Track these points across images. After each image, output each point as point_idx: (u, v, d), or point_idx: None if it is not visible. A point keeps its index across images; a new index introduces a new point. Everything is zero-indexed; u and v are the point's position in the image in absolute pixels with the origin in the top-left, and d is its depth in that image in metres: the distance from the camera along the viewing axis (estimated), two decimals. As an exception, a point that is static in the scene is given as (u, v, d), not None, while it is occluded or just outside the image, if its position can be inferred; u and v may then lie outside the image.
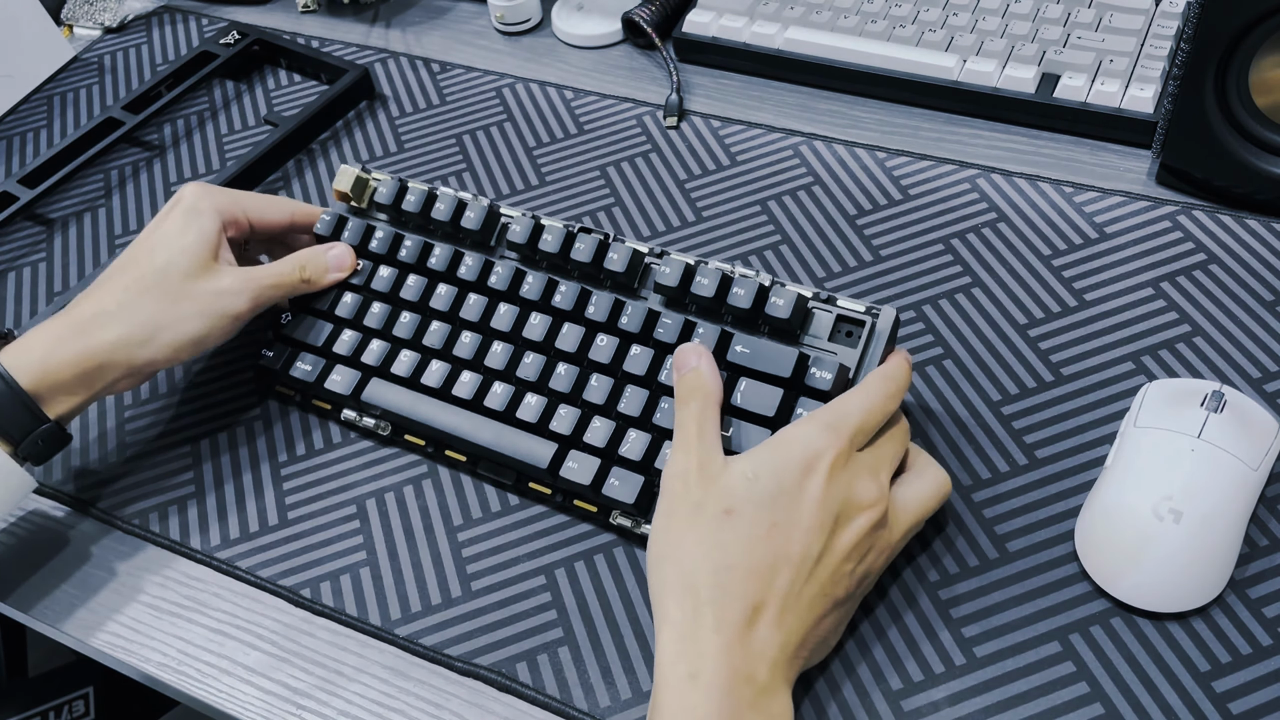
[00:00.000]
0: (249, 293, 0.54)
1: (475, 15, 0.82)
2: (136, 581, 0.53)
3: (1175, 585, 0.45)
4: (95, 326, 0.50)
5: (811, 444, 0.43)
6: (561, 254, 0.55)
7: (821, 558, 0.42)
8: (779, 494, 0.42)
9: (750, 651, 0.40)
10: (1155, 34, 0.66)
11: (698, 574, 0.41)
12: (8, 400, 0.49)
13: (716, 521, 0.42)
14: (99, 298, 0.52)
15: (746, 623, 0.41)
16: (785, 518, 0.42)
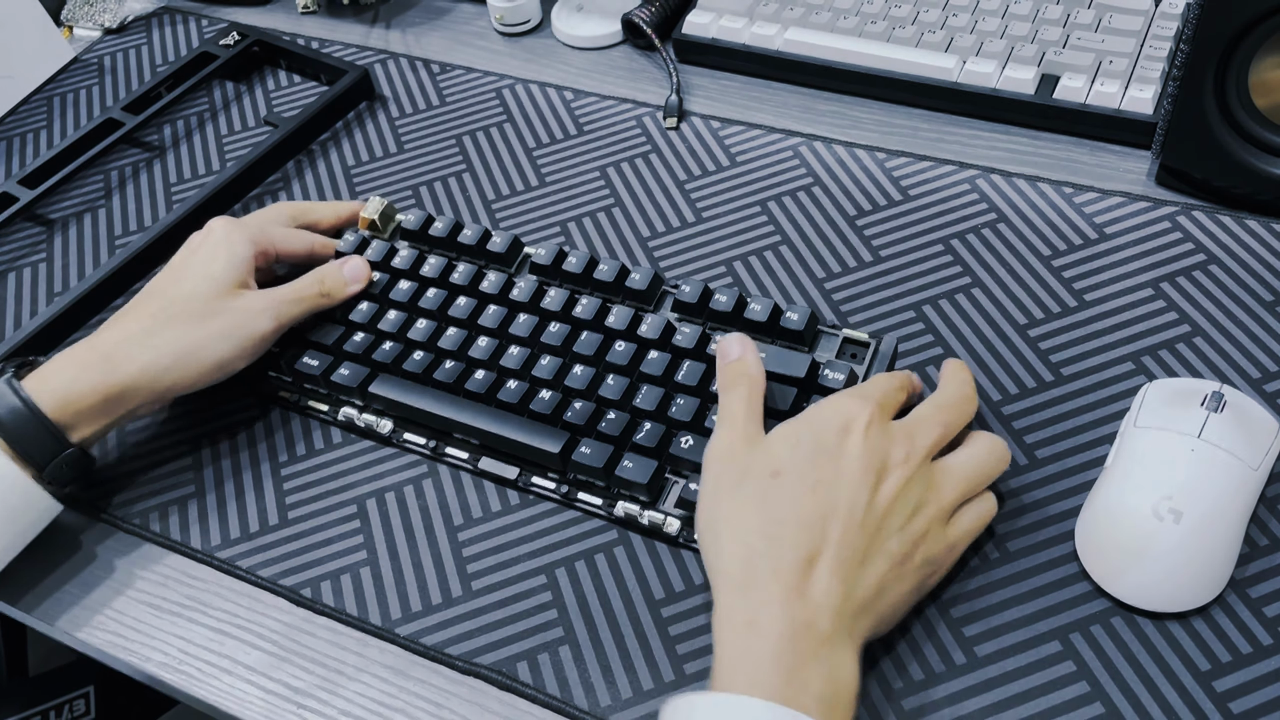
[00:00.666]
0: (271, 310, 0.54)
1: (475, 16, 0.82)
2: (137, 581, 0.53)
3: (1175, 585, 0.45)
4: (120, 354, 0.51)
5: (845, 409, 0.45)
6: (585, 275, 0.57)
7: (868, 509, 0.43)
8: (819, 453, 0.44)
9: (809, 600, 0.41)
10: (1155, 35, 0.66)
11: (750, 532, 0.43)
12: (32, 426, 0.49)
13: (764, 483, 0.44)
14: (124, 325, 0.53)
15: (803, 572, 0.41)
16: (829, 475, 0.43)
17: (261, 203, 0.70)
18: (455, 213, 0.67)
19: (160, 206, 0.71)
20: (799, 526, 0.42)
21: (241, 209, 0.70)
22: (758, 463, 0.45)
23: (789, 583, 0.41)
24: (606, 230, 0.65)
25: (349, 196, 0.69)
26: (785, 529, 0.42)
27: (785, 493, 0.43)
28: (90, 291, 0.64)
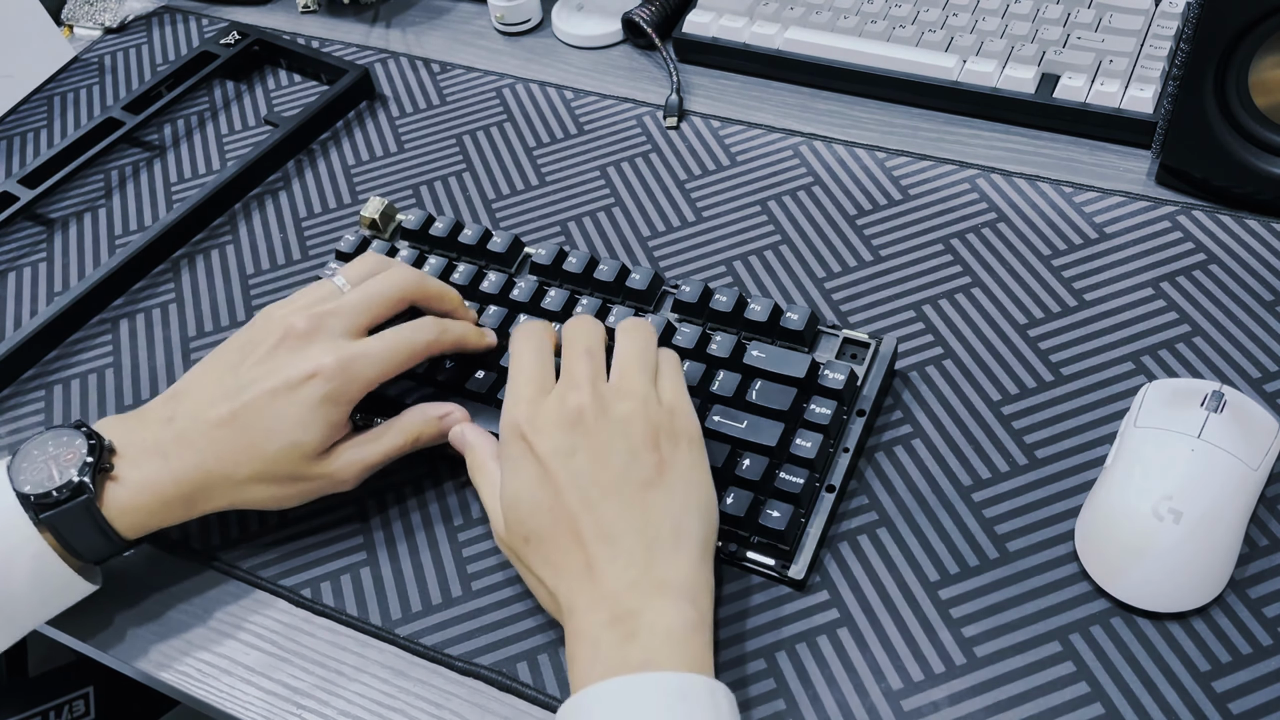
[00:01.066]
0: (357, 474, 0.50)
1: (475, 15, 0.82)
2: (136, 582, 0.53)
3: (1175, 585, 0.45)
4: (202, 499, 0.49)
5: (506, 429, 0.46)
6: (585, 275, 0.57)
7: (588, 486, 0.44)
8: (523, 495, 0.45)
9: (600, 588, 0.42)
10: (1155, 34, 0.66)
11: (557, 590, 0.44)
12: (105, 550, 0.48)
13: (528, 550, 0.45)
14: (208, 462, 0.48)
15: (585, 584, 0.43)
16: (545, 500, 0.44)
17: (262, 203, 0.70)
18: (455, 212, 0.67)
19: (160, 206, 0.71)
20: (566, 557, 0.43)
21: (242, 209, 0.70)
22: (517, 540, 0.46)
23: (587, 601, 0.42)
24: (606, 230, 0.65)
25: (349, 196, 0.69)
26: (564, 569, 0.44)
27: (543, 549, 0.44)
28: (90, 291, 0.64)
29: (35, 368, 0.63)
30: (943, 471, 0.51)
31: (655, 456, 0.44)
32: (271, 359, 0.49)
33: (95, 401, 0.60)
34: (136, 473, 0.48)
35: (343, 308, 0.50)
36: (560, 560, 0.43)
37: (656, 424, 0.45)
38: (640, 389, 0.46)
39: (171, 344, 0.63)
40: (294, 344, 0.49)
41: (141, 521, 0.48)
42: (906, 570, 0.48)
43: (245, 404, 0.48)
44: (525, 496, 0.45)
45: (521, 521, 0.45)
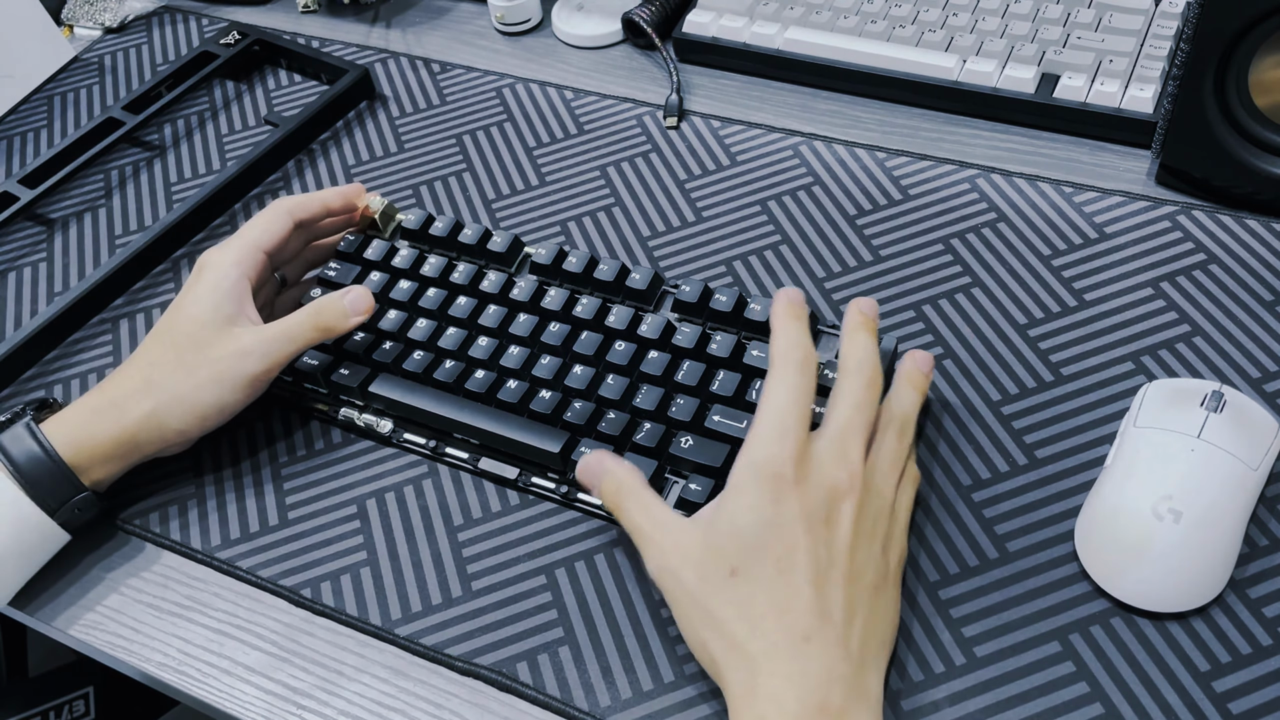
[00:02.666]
0: (260, 352, 0.52)
1: (475, 15, 0.82)
2: (137, 581, 0.53)
3: (1175, 585, 0.45)
4: (127, 402, 0.52)
5: (763, 466, 0.43)
6: (585, 275, 0.57)
7: (833, 562, 0.42)
8: (763, 529, 0.42)
9: (810, 677, 0.40)
10: (1155, 34, 0.66)
11: (737, 635, 0.41)
12: (48, 470, 0.50)
13: (727, 585, 0.42)
14: (131, 373, 0.53)
15: (797, 652, 0.41)
16: (782, 548, 0.42)
17: (262, 203, 0.70)
18: (455, 212, 0.67)
19: (160, 206, 0.71)
20: (780, 613, 0.41)
21: (242, 209, 0.70)
22: (710, 567, 0.42)
23: (788, 670, 0.40)
24: (606, 230, 0.65)
25: (349, 196, 0.69)
26: (767, 623, 0.41)
27: (752, 585, 0.42)
28: (90, 291, 0.64)
29: (35, 368, 0.63)
30: (942, 471, 0.51)
31: (886, 567, 0.44)
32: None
33: (95, 401, 0.60)
34: (73, 405, 0.53)
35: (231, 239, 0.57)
36: (770, 613, 0.41)
37: (889, 533, 0.45)
38: (890, 491, 0.45)
39: (171, 344, 0.63)
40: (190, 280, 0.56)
41: (76, 435, 0.51)
42: (907, 570, 0.48)
43: (155, 326, 0.55)
44: (760, 532, 0.42)
45: (743, 552, 0.42)
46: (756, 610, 0.41)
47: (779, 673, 0.40)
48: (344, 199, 0.60)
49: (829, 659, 0.40)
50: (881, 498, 0.45)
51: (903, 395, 0.48)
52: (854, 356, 0.46)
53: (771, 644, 0.41)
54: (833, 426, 0.45)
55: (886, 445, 0.46)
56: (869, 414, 0.46)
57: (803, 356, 0.45)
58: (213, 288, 0.54)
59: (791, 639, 0.41)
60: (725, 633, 0.42)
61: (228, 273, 0.54)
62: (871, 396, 0.46)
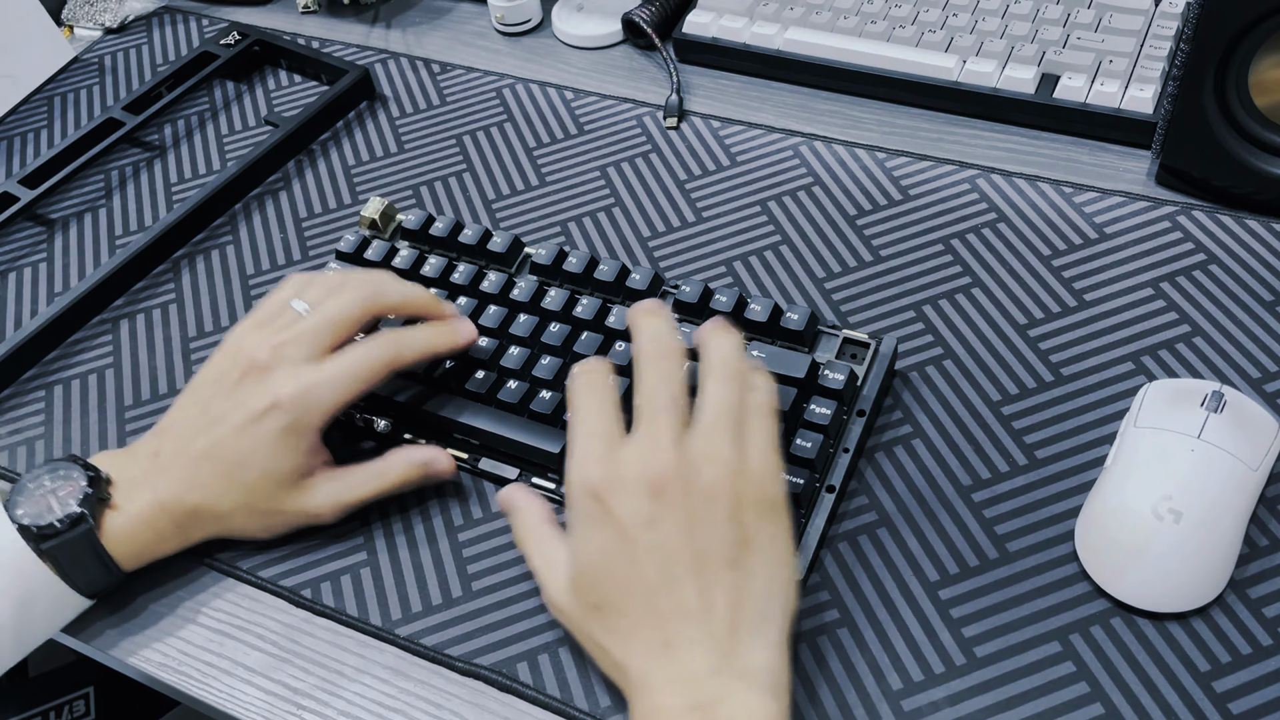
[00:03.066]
0: (334, 513, 0.51)
1: (475, 15, 0.82)
2: (136, 582, 0.53)
3: (1175, 585, 0.45)
4: (194, 527, 0.50)
5: (578, 491, 0.43)
6: (585, 275, 0.57)
7: (673, 560, 0.41)
8: (601, 559, 0.42)
9: (682, 681, 0.40)
10: (1155, 34, 0.66)
11: (616, 658, 0.43)
12: (105, 581, 0.49)
13: (595, 618, 0.43)
14: (195, 497, 0.50)
15: (663, 663, 0.41)
16: (623, 567, 0.42)
17: (262, 203, 0.70)
18: (455, 213, 0.67)
19: (160, 206, 0.71)
20: (641, 630, 0.41)
21: (242, 209, 0.70)
22: (579, 606, 0.44)
23: (660, 680, 0.40)
24: (606, 230, 0.65)
25: (349, 196, 0.69)
26: (633, 641, 0.42)
27: (612, 617, 0.42)
28: (90, 291, 0.64)
29: (35, 368, 0.63)
30: (943, 471, 0.51)
31: (739, 532, 0.42)
32: (237, 392, 0.50)
33: (95, 401, 0.60)
34: (131, 505, 0.49)
35: (302, 334, 0.50)
36: (633, 633, 0.41)
37: (742, 493, 0.42)
38: (728, 453, 0.42)
39: (171, 344, 0.63)
40: (257, 376, 0.50)
41: (138, 551, 0.50)
42: (906, 570, 0.48)
43: (218, 438, 0.49)
44: (599, 563, 0.42)
45: (594, 588, 0.43)
46: (623, 633, 0.42)
47: (653, 685, 0.40)
48: (458, 348, 0.54)
49: (693, 656, 0.40)
50: (711, 464, 0.42)
51: (710, 343, 0.46)
52: (718, 351, 0.46)
53: (641, 660, 0.41)
54: (644, 432, 0.43)
55: (706, 402, 0.44)
56: (682, 403, 0.44)
57: (594, 367, 0.46)
58: (294, 451, 0.50)
59: (655, 650, 0.41)
60: (608, 659, 0.43)
61: (313, 433, 0.50)
62: (735, 392, 0.45)
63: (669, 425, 0.43)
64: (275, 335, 0.51)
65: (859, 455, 0.52)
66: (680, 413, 0.43)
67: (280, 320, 0.52)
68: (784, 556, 0.43)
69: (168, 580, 0.53)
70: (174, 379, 0.61)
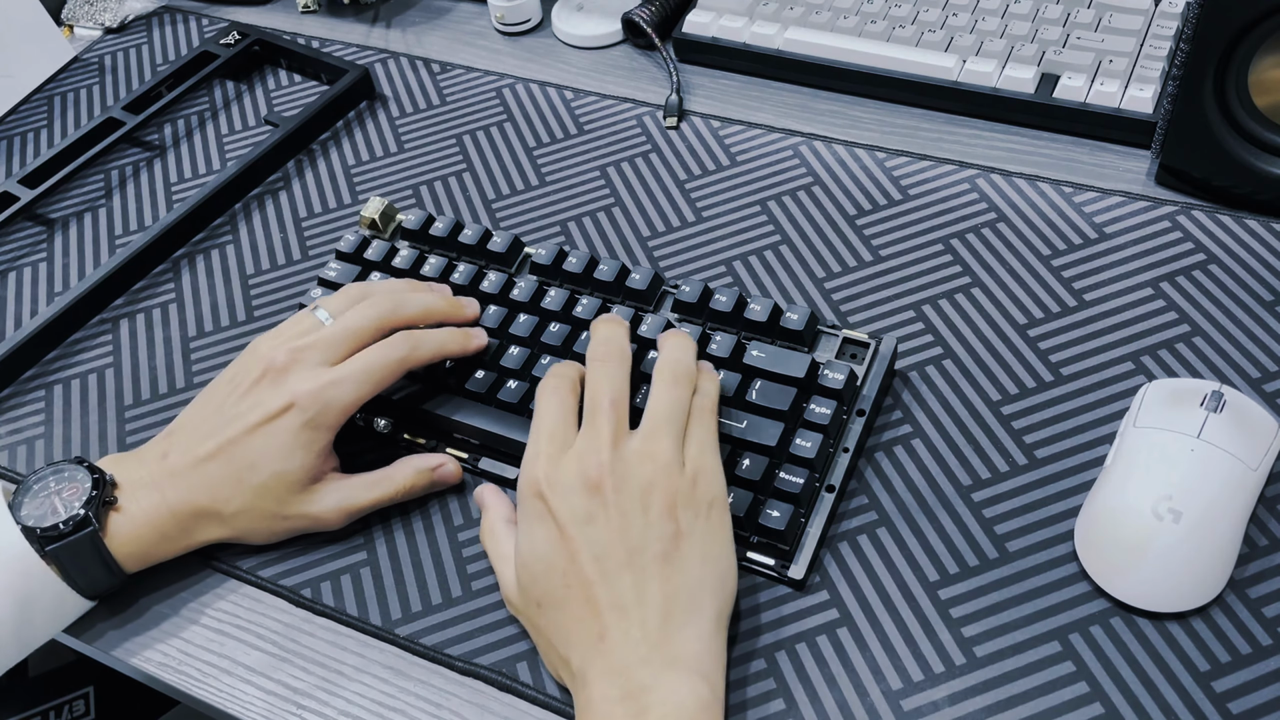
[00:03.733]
0: (341, 519, 0.52)
1: (475, 15, 0.82)
2: (136, 582, 0.53)
3: (1175, 585, 0.45)
4: (199, 528, 0.50)
5: (524, 491, 0.45)
6: (585, 275, 0.57)
7: (607, 554, 0.43)
8: (541, 556, 0.44)
9: (613, 665, 0.42)
10: (1155, 34, 0.66)
11: (560, 652, 0.44)
12: (108, 583, 0.50)
13: (540, 614, 0.45)
14: (199, 497, 0.50)
15: (598, 654, 0.42)
16: (561, 564, 0.44)
17: (262, 203, 0.70)
18: (455, 212, 0.67)
19: (160, 206, 0.71)
20: (579, 624, 0.43)
21: (242, 209, 0.70)
22: (526, 602, 0.46)
23: (597, 671, 0.42)
24: (606, 230, 0.65)
25: (349, 196, 0.69)
26: (573, 636, 0.43)
27: (554, 612, 0.44)
28: (90, 291, 0.64)
29: (35, 368, 0.63)
30: (943, 471, 0.51)
31: (672, 527, 0.43)
32: (253, 393, 0.50)
33: (95, 401, 0.60)
34: (136, 506, 0.49)
35: (321, 340, 0.51)
36: (572, 627, 0.43)
37: (676, 491, 0.44)
38: (664, 452, 0.44)
39: (171, 344, 0.63)
40: (274, 378, 0.50)
41: (142, 552, 0.50)
42: (906, 570, 0.48)
43: (230, 439, 0.49)
44: (540, 559, 0.44)
45: (535, 583, 0.44)
46: (564, 628, 0.43)
47: (589, 678, 0.42)
48: (469, 351, 0.55)
49: (625, 647, 0.42)
50: (646, 462, 0.44)
51: (663, 347, 0.49)
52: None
53: (581, 653, 0.42)
54: (585, 433, 0.45)
55: (650, 404, 0.46)
56: (622, 405, 0.46)
57: (562, 377, 0.48)
58: (308, 452, 0.50)
59: (591, 642, 0.42)
60: (554, 654, 0.44)
61: (328, 435, 0.50)
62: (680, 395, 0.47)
63: (608, 426, 0.45)
64: (295, 340, 0.51)
65: (859, 455, 0.52)
66: (619, 414, 0.46)
67: (301, 327, 0.52)
68: (719, 550, 0.45)
69: (168, 580, 0.53)
70: (174, 379, 0.61)
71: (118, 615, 0.52)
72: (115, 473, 0.50)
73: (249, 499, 0.50)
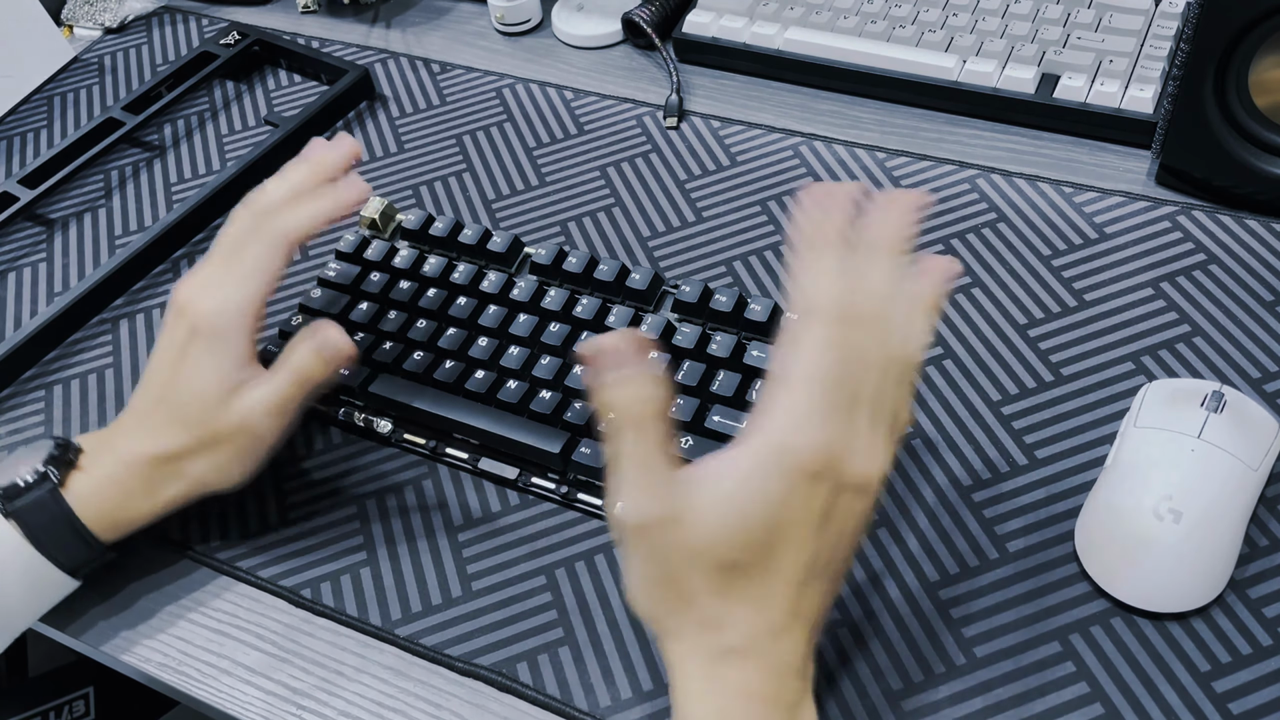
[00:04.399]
0: (268, 424, 0.50)
1: (475, 15, 0.82)
2: (137, 582, 0.53)
3: (1175, 585, 0.45)
4: (158, 487, 0.50)
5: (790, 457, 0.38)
6: (585, 275, 0.57)
7: (824, 565, 0.39)
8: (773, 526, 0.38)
9: (773, 672, 0.39)
10: (1155, 34, 0.66)
11: (709, 618, 0.40)
12: (83, 554, 0.49)
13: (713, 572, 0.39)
14: (147, 449, 0.49)
15: (764, 649, 0.39)
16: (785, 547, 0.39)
17: (261, 202, 0.70)
18: (455, 212, 0.67)
19: (160, 206, 0.71)
20: (758, 609, 0.39)
21: (241, 209, 0.70)
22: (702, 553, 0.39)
23: (754, 663, 0.39)
24: (606, 230, 0.65)
25: (349, 196, 0.69)
26: (741, 614, 0.39)
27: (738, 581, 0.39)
28: (90, 291, 0.64)
29: (35, 368, 0.63)
30: (943, 471, 0.51)
31: (854, 553, 0.41)
32: (164, 336, 0.51)
33: (95, 401, 0.60)
34: (96, 465, 0.50)
35: (204, 263, 0.51)
36: (745, 603, 0.38)
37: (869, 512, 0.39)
38: (880, 470, 0.38)
39: (171, 344, 0.63)
40: (176, 313, 0.50)
41: (109, 513, 0.49)
42: (906, 570, 0.48)
43: (155, 382, 0.50)
44: (768, 524, 0.38)
45: (740, 547, 0.38)
46: (734, 599, 0.38)
47: (745, 665, 0.38)
48: (346, 206, 0.52)
49: (791, 654, 0.39)
50: (867, 490, 0.39)
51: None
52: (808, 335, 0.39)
53: (743, 635, 0.38)
54: (864, 410, 0.38)
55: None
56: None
57: (849, 303, 0.38)
58: (216, 363, 0.49)
59: (761, 634, 0.38)
60: (696, 615, 0.39)
61: (231, 340, 0.49)
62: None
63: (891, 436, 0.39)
64: (185, 278, 0.51)
65: (859, 455, 0.52)
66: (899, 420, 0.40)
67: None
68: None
69: (168, 580, 0.53)
70: (174, 379, 0.61)
71: (118, 615, 0.52)
72: (81, 441, 0.51)
73: (186, 431, 0.49)
